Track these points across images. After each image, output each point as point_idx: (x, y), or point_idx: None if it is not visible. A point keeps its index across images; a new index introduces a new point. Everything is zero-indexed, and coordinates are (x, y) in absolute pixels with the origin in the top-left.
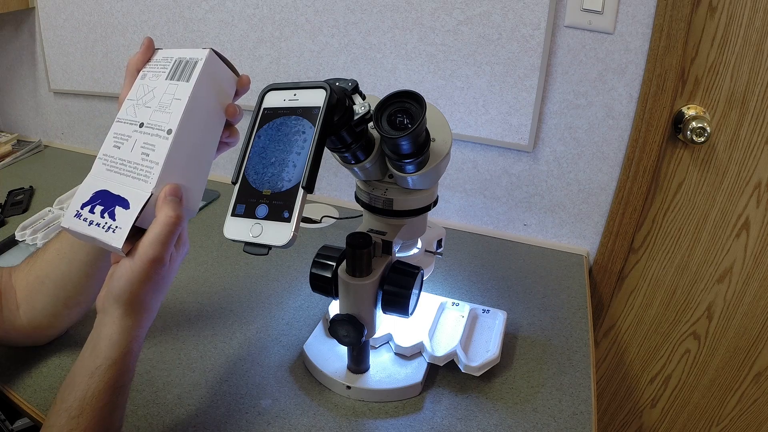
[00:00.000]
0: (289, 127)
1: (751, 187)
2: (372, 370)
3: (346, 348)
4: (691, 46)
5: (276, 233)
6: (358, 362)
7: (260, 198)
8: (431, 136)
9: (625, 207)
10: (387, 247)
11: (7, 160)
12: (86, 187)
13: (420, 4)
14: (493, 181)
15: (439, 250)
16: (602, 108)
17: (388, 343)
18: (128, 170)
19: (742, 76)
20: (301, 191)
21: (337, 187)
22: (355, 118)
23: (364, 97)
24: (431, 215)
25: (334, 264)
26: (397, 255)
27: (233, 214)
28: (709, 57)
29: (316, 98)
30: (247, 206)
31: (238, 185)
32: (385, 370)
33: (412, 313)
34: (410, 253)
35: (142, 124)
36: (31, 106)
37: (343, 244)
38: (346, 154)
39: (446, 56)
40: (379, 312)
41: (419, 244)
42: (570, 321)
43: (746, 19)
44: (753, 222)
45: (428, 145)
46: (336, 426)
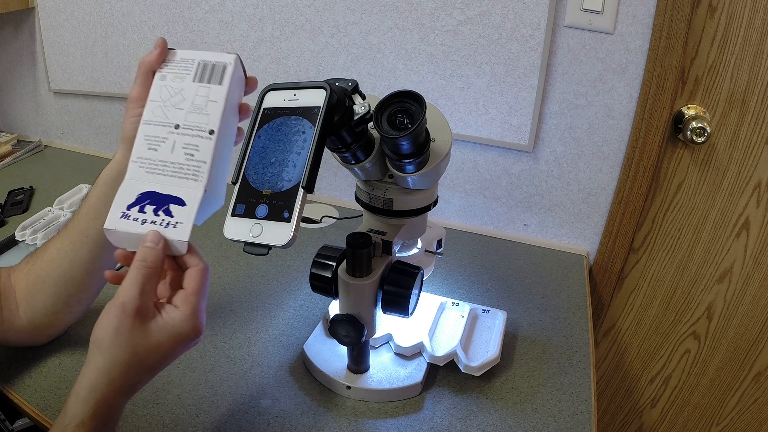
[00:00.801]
0: (289, 127)
1: (751, 187)
2: (372, 370)
3: (346, 348)
4: (691, 46)
5: (276, 233)
6: (358, 362)
7: (260, 198)
8: (431, 136)
9: (625, 207)
10: (387, 247)
11: (7, 160)
12: (128, 190)
13: (420, 4)
14: (493, 181)
15: (439, 250)
16: (602, 108)
17: (388, 343)
18: (173, 171)
19: (742, 76)
20: (301, 191)
21: (337, 187)
22: (355, 118)
23: (364, 97)
24: (431, 215)
25: (334, 264)
26: (397, 255)
27: (233, 214)
28: (709, 57)
29: (316, 98)
30: (247, 206)
31: (238, 185)
32: (385, 370)
33: (412, 313)
34: (410, 253)
35: (177, 126)
36: (31, 106)
37: (343, 244)
38: (346, 154)
39: (446, 56)
40: (379, 312)
41: (419, 244)
42: (570, 321)
43: (746, 19)
44: (753, 222)
45: (428, 145)
46: (336, 426)
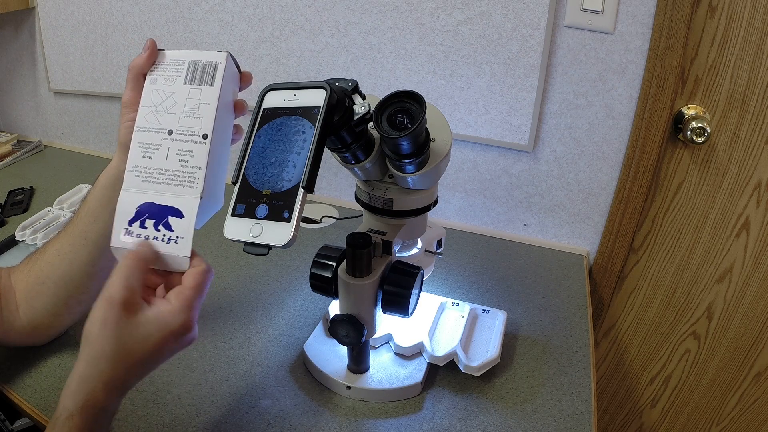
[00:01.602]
0: (289, 127)
1: (751, 187)
2: (372, 370)
3: (346, 348)
4: (691, 46)
5: (276, 233)
6: (358, 362)
7: (260, 198)
8: (431, 136)
9: (625, 207)
10: (387, 247)
11: (7, 160)
12: (126, 203)
13: (420, 4)
14: (493, 181)
15: (439, 250)
16: (602, 108)
17: (388, 343)
18: (169, 179)
19: (742, 76)
20: (301, 191)
21: (337, 187)
22: (355, 118)
23: (364, 97)
24: (431, 215)
25: (334, 264)
26: (397, 255)
27: (233, 214)
28: (709, 57)
29: (316, 98)
30: (247, 206)
31: (238, 185)
32: (385, 370)
33: (412, 313)
34: (410, 253)
35: (171, 131)
36: (31, 106)
37: (343, 244)
38: (346, 154)
39: (446, 56)
40: (379, 312)
41: (419, 244)
42: (570, 321)
43: (746, 19)
44: (753, 222)
45: (428, 145)
46: (336, 426)
